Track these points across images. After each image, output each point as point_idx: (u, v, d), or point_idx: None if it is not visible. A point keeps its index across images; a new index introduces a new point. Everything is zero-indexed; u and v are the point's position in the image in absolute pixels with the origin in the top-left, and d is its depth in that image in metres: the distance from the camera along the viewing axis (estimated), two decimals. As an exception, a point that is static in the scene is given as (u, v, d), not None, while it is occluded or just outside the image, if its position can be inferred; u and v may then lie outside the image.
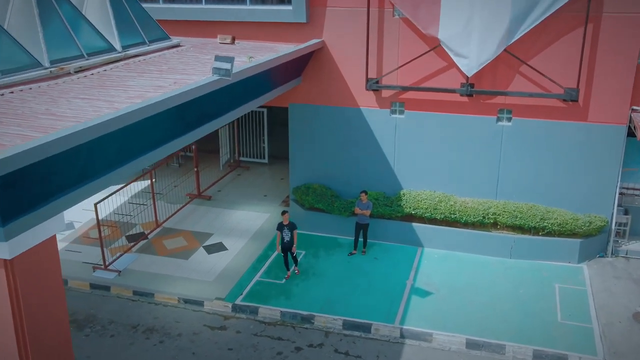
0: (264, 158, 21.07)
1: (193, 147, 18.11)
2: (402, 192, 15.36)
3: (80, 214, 16.89)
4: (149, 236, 15.87)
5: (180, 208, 17.26)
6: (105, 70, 11.42)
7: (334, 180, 16.11)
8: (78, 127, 6.86)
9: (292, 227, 13.44)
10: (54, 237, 7.47)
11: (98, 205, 14.19)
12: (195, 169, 18.06)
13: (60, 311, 7.68)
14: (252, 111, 20.63)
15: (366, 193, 14.50)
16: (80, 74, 10.97)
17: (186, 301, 13.14)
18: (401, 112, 15.10)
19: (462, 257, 14.73)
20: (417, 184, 15.48)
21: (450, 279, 13.80)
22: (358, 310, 12.65)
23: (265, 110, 20.49)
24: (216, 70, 9.87)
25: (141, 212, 16.78)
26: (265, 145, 20.84)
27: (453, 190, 15.24)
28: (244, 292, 13.35)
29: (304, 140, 16.07)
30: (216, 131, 20.21)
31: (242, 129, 20.99)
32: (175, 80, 10.54)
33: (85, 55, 11.64)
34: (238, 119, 20.62)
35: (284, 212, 13.49)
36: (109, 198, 14.95)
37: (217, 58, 9.90)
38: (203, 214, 17.17)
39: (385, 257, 14.79)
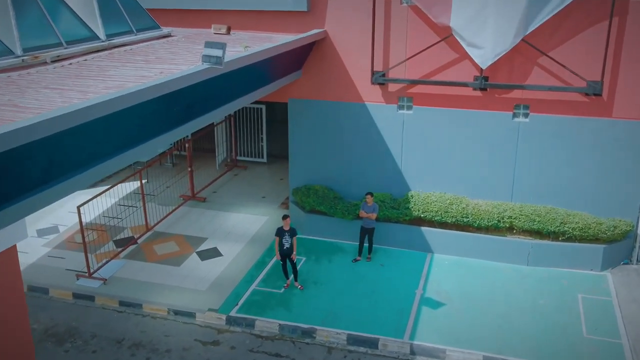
0: (262, 157, 20.00)
1: (187, 145, 17.04)
2: (410, 194, 14.30)
3: (66, 217, 15.86)
4: (139, 241, 14.81)
5: (173, 210, 16.20)
6: (85, 60, 10.36)
7: (336, 181, 15.05)
8: (35, 119, 5.78)
9: (292, 233, 12.38)
10: (13, 247, 6.41)
11: (84, 208, 13.14)
12: (189, 169, 16.99)
13: (22, 330, 6.62)
14: (249, 108, 19.57)
15: (372, 195, 13.43)
16: (57, 64, 9.91)
17: (176, 312, 12.09)
18: (409, 108, 14.03)
19: (475, 264, 13.66)
20: (427, 185, 14.41)
21: (463, 288, 12.73)
22: (364, 323, 11.58)
23: (263, 106, 19.42)
24: (206, 58, 8.80)
25: (131, 215, 15.72)
26: (264, 143, 19.77)
27: (465, 192, 14.16)
28: (240, 303, 12.28)
29: (304, 138, 15.01)
30: (212, 129, 19.15)
31: (239, 127, 19.92)
32: (162, 70, 9.47)
33: (64, 44, 10.57)
34: (235, 115, 19.56)
35: (285, 217, 12.43)
36: (95, 200, 13.90)
37: (208, 44, 8.83)
38: (197, 217, 16.12)
39: (392, 264, 13.72)
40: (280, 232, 12.38)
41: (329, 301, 12.30)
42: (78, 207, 12.72)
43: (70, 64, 10.02)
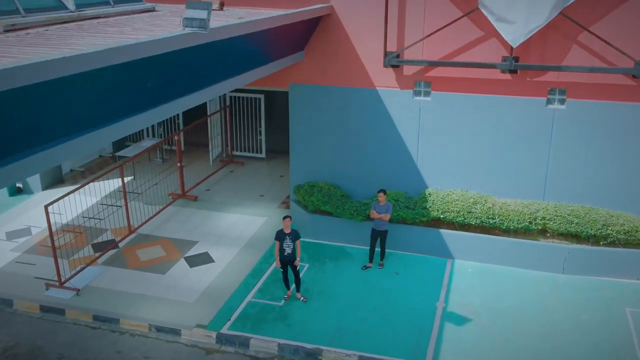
0: (260, 152, 18.28)
1: (176, 138, 15.33)
2: (427, 192, 12.59)
3: (40, 218, 14.09)
4: (120, 244, 13.10)
5: (160, 210, 14.48)
6: (46, 30, 8.65)
7: (343, 177, 13.34)
8: None
9: (295, 236, 10.67)
10: None
11: (56, 207, 11.46)
12: (179, 164, 15.27)
13: None
14: (246, 97, 17.86)
15: (385, 193, 11.72)
16: (10, 33, 8.20)
17: (159, 329, 10.38)
18: (427, 94, 12.32)
19: (502, 272, 11.95)
20: (446, 182, 12.70)
21: (491, 300, 11.02)
22: (377, 342, 9.88)
23: (261, 96, 17.71)
24: (188, 22, 7.09)
25: (112, 215, 14.00)
26: (263, 137, 18.05)
27: (490, 190, 12.46)
28: (233, 318, 10.58)
29: (307, 128, 13.29)
30: (205, 121, 17.44)
31: (235, 119, 18.21)
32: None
33: (22, 12, 8.86)
34: (230, 106, 17.83)
35: (285, 218, 10.71)
36: (73, 199, 12.23)
37: (189, 5, 7.12)
38: (187, 218, 14.41)
39: (407, 272, 12.01)
40: (280, 236, 10.68)
41: (336, 316, 10.60)
42: (46, 207, 10.99)
43: (27, 33, 8.30)
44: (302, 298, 11.07)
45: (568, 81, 11.43)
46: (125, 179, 16.17)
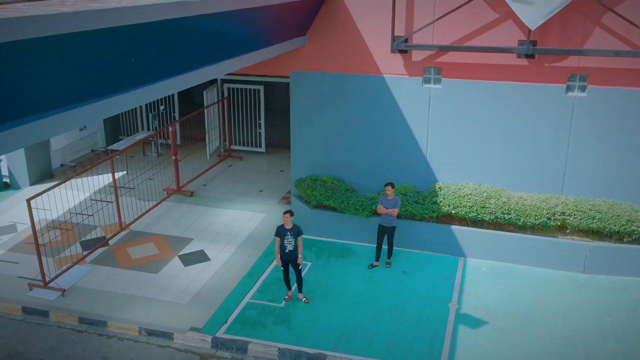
0: (260, 146, 17.49)
1: (170, 129, 14.54)
2: (437, 186, 11.81)
3: (26, 214, 13.31)
4: (110, 242, 12.32)
5: (154, 206, 13.69)
6: None
7: (348, 170, 12.56)
8: None
9: (296, 232, 9.88)
10: None
11: (43, 202, 10.70)
12: (174, 157, 14.48)
13: None
14: (245, 89, 17.08)
15: (393, 186, 10.93)
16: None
17: (150, 333, 9.60)
18: (437, 81, 11.55)
19: (518, 271, 11.16)
20: (457, 175, 11.92)
21: (507, 302, 10.24)
22: (386, 347, 9.10)
23: (261, 87, 16.92)
24: (178, -11, 6.31)
25: (102, 210, 13.20)
26: (262, 130, 17.26)
27: (505, 184, 11.68)
28: (229, 320, 9.79)
29: (309, 119, 12.51)
30: (202, 114, 16.66)
31: (233, 111, 17.42)
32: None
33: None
34: (228, 98, 17.04)
35: (287, 213, 9.92)
36: (63, 194, 11.47)
37: (179, -30, 6.34)
38: (182, 214, 13.62)
39: (417, 271, 11.23)
40: (281, 232, 9.89)
41: (341, 318, 9.81)
42: (28, 201, 10.21)
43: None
44: (304, 299, 10.29)
45: (590, 66, 10.65)
46: (118, 174, 15.47)
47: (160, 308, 10.13)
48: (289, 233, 9.84)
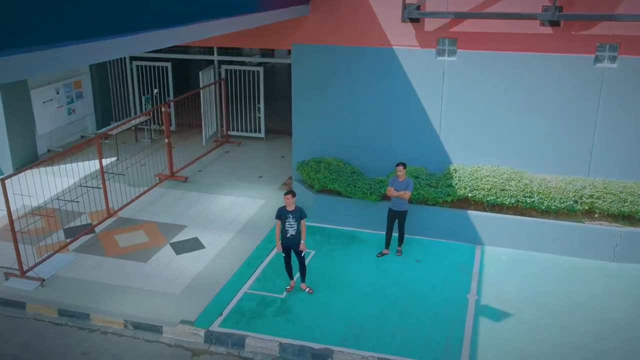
0: (259, 132, 16.53)
1: (163, 110, 13.57)
2: (452, 168, 10.86)
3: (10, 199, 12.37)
4: (96, 229, 11.37)
5: (145, 192, 12.73)
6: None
7: (354, 152, 11.62)
8: None
9: (299, 214, 8.92)
10: None
11: (15, 184, 9.75)
12: (167, 140, 13.51)
13: None
14: (243, 70, 16.13)
15: (404, 166, 9.97)
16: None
17: (136, 326, 8.64)
18: (452, 53, 10.60)
19: (541, 260, 10.21)
20: (474, 156, 10.98)
21: (531, 293, 9.28)
22: (399, 342, 8.15)
23: (260, 69, 15.97)
24: None
25: (87, 195, 12.24)
26: (262, 115, 16.29)
27: (525, 165, 10.75)
28: (225, 313, 8.84)
29: (312, 96, 11.56)
30: (198, 98, 15.71)
31: (231, 95, 16.46)
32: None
33: None
34: (226, 80, 16.08)
35: (288, 193, 8.96)
36: (47, 179, 10.49)
37: None
38: (175, 200, 12.67)
39: (430, 260, 10.28)
40: (282, 214, 8.93)
41: (348, 310, 8.86)
42: (2, 180, 9.23)
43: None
44: (307, 289, 9.33)
45: (621, 34, 9.71)
46: (108, 160, 14.54)
47: (148, 299, 9.18)
48: (290, 216, 8.88)
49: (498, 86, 10.50)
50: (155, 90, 16.27)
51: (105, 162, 14.50)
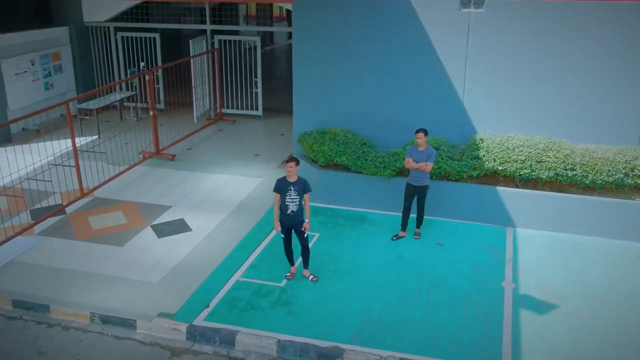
0: (256, 109, 15.05)
1: (147, 78, 12.05)
2: (478, 138, 9.39)
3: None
4: (68, 210, 9.89)
5: (126, 170, 11.26)
6: None
7: (364, 122, 10.14)
8: None
9: (302, 187, 7.44)
10: None
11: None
12: (152, 113, 12.03)
13: None
14: (238, 41, 14.65)
15: (426, 133, 8.48)
16: None
17: (105, 320, 7.16)
18: (479, 4, 9.12)
19: (584, 243, 8.73)
20: (503, 125, 9.51)
21: (577, 281, 7.81)
22: (423, 339, 6.67)
23: (257, 39, 14.49)
24: None
25: (62, 175, 10.78)
26: (259, 90, 14.80)
27: (563, 134, 9.26)
28: (212, 304, 7.35)
29: (315, 58, 10.09)
30: (188, 72, 14.23)
31: (225, 69, 14.97)
32: None
33: None
34: (219, 52, 14.58)
35: (289, 161, 7.44)
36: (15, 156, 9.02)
37: None
38: (160, 179, 11.19)
39: (455, 243, 8.79)
40: (282, 186, 7.45)
41: (361, 302, 7.37)
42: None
43: None
44: (311, 277, 7.85)
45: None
46: (89, 138, 13.12)
47: (122, 288, 7.69)
48: (292, 188, 7.39)
49: (533, 43, 9.02)
50: (142, 64, 14.79)
51: (85, 140, 13.13)
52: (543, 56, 9.04)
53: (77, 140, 12.83)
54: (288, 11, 14.50)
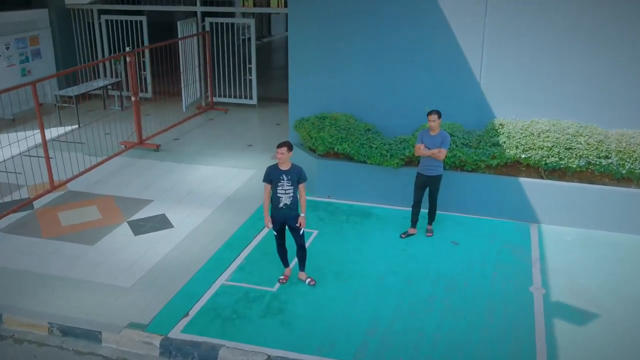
0: (250, 98, 13.97)
1: (128, 59, 10.95)
2: (497, 123, 8.33)
3: None
4: (35, 204, 8.83)
5: (103, 161, 10.19)
6: None
7: (367, 107, 9.08)
8: None
9: (296, 175, 6.36)
10: None
11: None
12: (134, 98, 10.96)
13: None
14: (232, 25, 13.60)
15: (439, 115, 7.40)
16: None
17: (65, 332, 6.09)
18: (499, -29, 8.07)
19: (620, 241, 7.68)
20: (523, 108, 8.45)
21: (616, 284, 6.76)
22: (442, 354, 5.61)
23: (251, 21, 13.42)
24: None
25: (40, 166, 9.72)
26: (253, 77, 13.73)
27: (592, 119, 8.20)
28: (192, 312, 6.28)
29: (314, 38, 9.04)
30: (177, 58, 13.16)
31: (217, 54, 13.90)
32: None
33: None
34: (210, 35, 13.51)
35: (282, 145, 6.35)
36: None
37: None
38: (141, 171, 10.13)
39: (472, 242, 7.73)
40: (273, 175, 6.38)
41: (365, 309, 6.30)
42: None
43: None
44: (308, 280, 6.78)
45: None
46: (67, 127, 12.06)
47: (88, 294, 6.62)
48: (285, 177, 6.32)
49: (557, 18, 7.97)
50: (128, 48, 13.69)
51: (63, 129, 12.08)
52: (569, 32, 7.99)
53: (55, 130, 11.91)
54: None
